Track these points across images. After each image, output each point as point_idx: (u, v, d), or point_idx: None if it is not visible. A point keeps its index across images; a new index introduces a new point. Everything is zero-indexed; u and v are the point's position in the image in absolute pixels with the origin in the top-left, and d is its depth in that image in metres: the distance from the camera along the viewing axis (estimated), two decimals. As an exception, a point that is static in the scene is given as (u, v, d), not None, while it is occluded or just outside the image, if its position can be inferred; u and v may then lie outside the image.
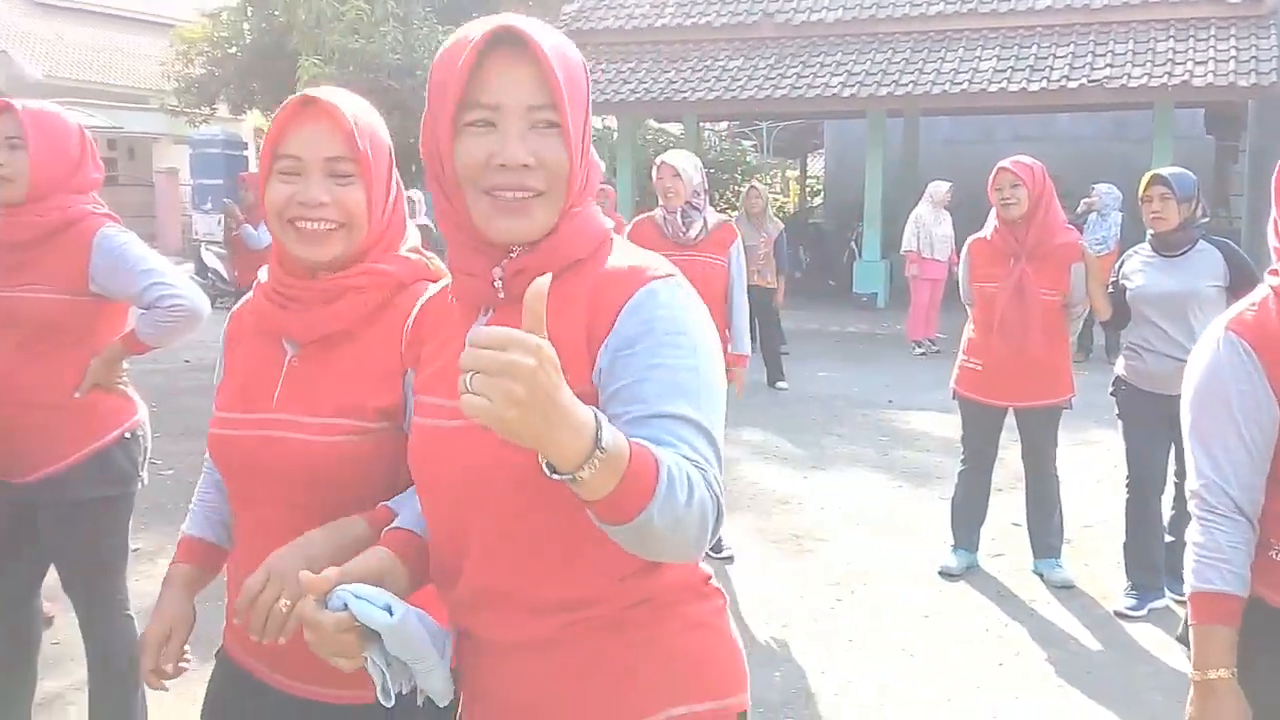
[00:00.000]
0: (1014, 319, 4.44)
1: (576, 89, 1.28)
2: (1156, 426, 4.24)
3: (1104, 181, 10.72)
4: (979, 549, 4.91)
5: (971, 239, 4.77)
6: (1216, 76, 12.25)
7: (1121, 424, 4.46)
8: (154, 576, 3.16)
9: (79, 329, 2.68)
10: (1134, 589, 4.40)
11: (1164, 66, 12.65)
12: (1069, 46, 13.51)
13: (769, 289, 9.00)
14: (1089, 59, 13.18)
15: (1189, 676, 1.99)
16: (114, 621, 2.84)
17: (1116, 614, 4.35)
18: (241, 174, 9.99)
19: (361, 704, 1.53)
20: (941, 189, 10.94)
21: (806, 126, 21.00)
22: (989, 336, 4.54)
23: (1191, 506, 1.91)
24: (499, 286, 1.29)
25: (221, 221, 10.97)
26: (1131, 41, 13.28)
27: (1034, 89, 12.96)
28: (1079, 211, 10.69)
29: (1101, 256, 8.71)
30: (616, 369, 1.22)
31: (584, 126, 1.30)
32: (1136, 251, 4.44)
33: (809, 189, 24.67)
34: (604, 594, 1.30)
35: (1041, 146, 15.42)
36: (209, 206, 17.84)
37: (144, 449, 2.86)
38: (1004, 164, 4.46)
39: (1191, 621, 1.84)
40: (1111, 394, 4.49)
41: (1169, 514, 4.43)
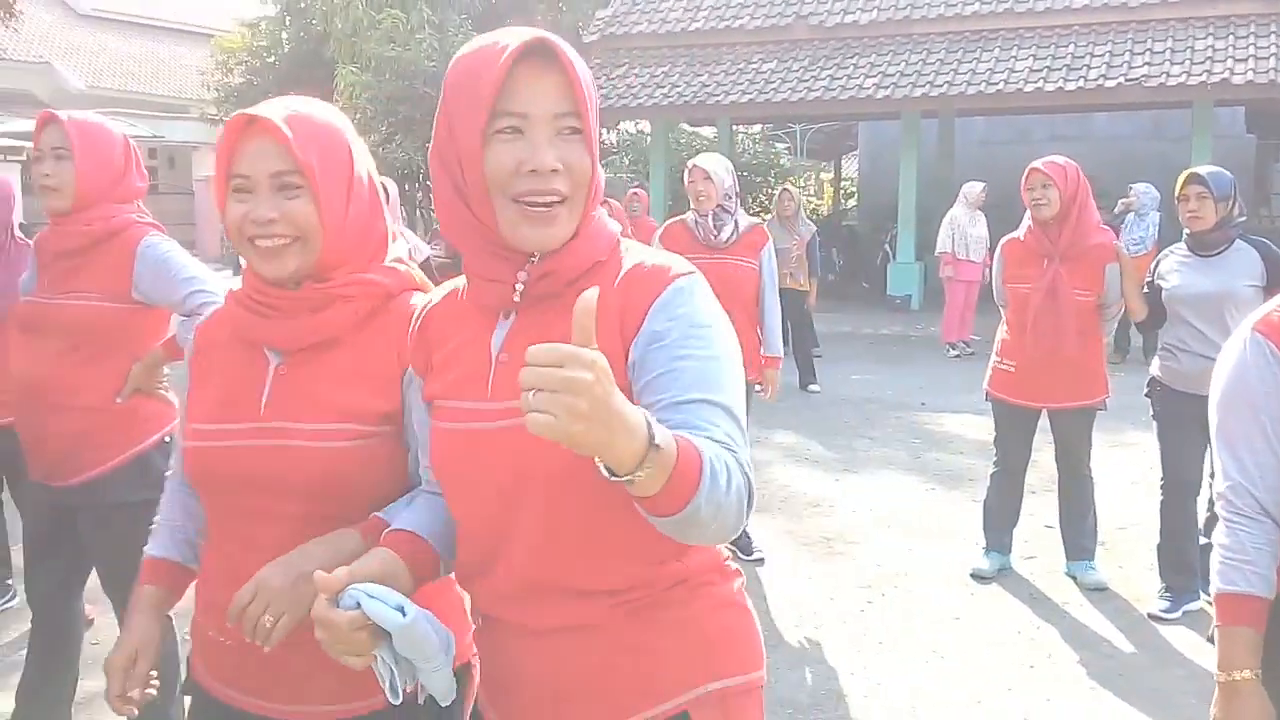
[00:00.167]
0: (1047, 320, 4.42)
1: (593, 97, 1.34)
2: (1191, 428, 4.20)
3: (1142, 181, 10.62)
4: (1011, 551, 4.89)
5: (1005, 239, 4.76)
6: (1257, 74, 12.08)
7: (1156, 425, 4.43)
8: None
9: (121, 335, 2.73)
10: (1168, 591, 4.37)
11: (1203, 64, 12.49)
12: (1106, 45, 13.38)
13: (801, 291, 9.00)
14: (1127, 57, 13.05)
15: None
16: None
17: (1150, 616, 4.32)
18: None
19: None
20: (975, 189, 10.88)
21: (841, 129, 20.93)
22: (1022, 337, 4.52)
23: (1218, 508, 1.91)
24: (520, 291, 1.33)
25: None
26: (1170, 39, 13.13)
27: (1071, 88, 12.84)
28: (1116, 212, 10.59)
29: (1139, 257, 8.68)
30: (648, 361, 1.29)
31: (597, 133, 1.36)
32: (1172, 251, 4.40)
33: (843, 191, 24.57)
34: (644, 578, 1.36)
35: (1079, 146, 15.32)
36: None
37: None
38: (1036, 164, 4.45)
39: (1216, 623, 1.84)
40: (1146, 395, 4.46)
41: (1204, 516, 4.39)
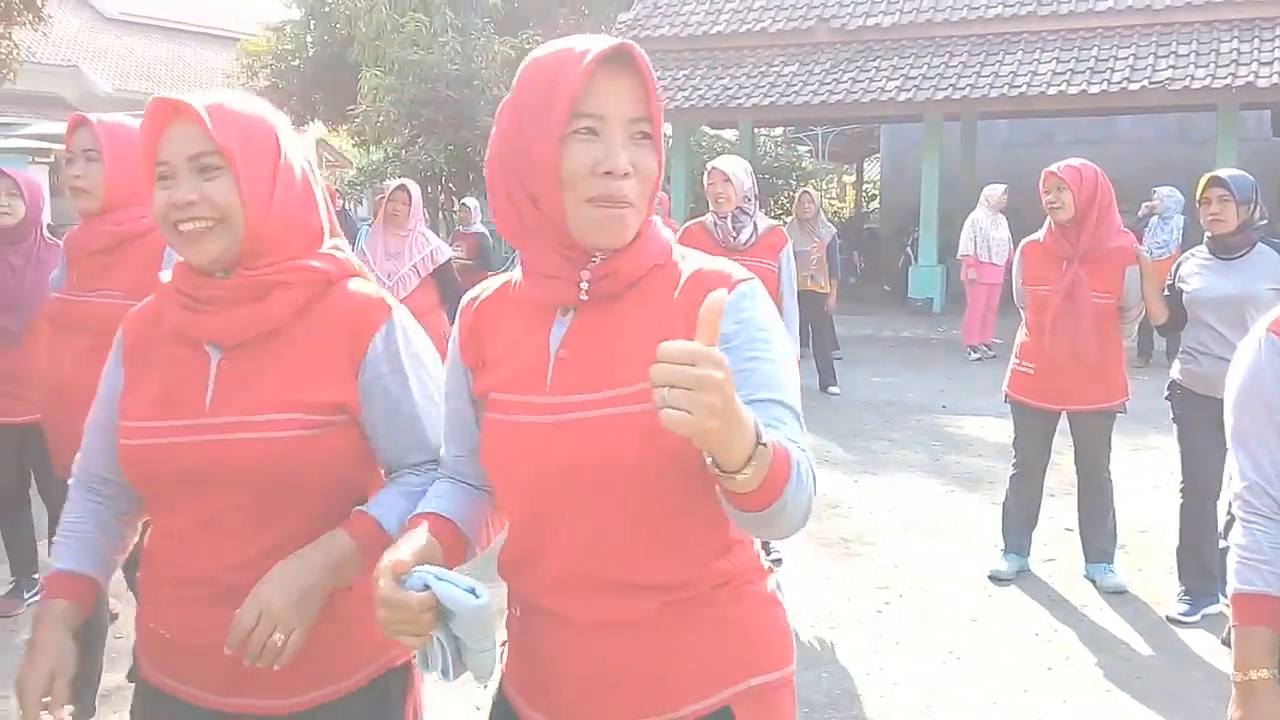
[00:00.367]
0: (1066, 322, 4.42)
1: (661, 104, 1.39)
2: (1212, 431, 4.16)
3: (1167, 184, 10.55)
4: (1030, 553, 4.88)
5: (1025, 241, 4.76)
6: (1282, 77, 12.00)
7: (1176, 428, 4.41)
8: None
9: None
10: (1187, 594, 4.35)
11: (1228, 67, 12.40)
12: (1130, 48, 13.31)
13: (821, 293, 9.00)
14: (1151, 60, 12.97)
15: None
16: None
17: (1169, 619, 4.30)
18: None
19: (289, 713, 1.58)
20: (996, 192, 10.86)
21: (863, 131, 20.88)
22: (1041, 339, 4.52)
23: (1234, 508, 1.91)
24: (585, 289, 1.36)
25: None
26: (1195, 42, 13.04)
27: (1094, 91, 12.77)
28: (1140, 215, 10.53)
29: (1163, 260, 8.63)
30: None
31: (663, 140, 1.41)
32: (1193, 254, 4.39)
33: (865, 194, 24.52)
34: (693, 575, 1.39)
35: (1103, 149, 15.26)
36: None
37: None
38: (1051, 168, 4.45)
39: (1234, 623, 1.84)
40: (1167, 398, 4.44)
41: (1224, 519, 4.37)
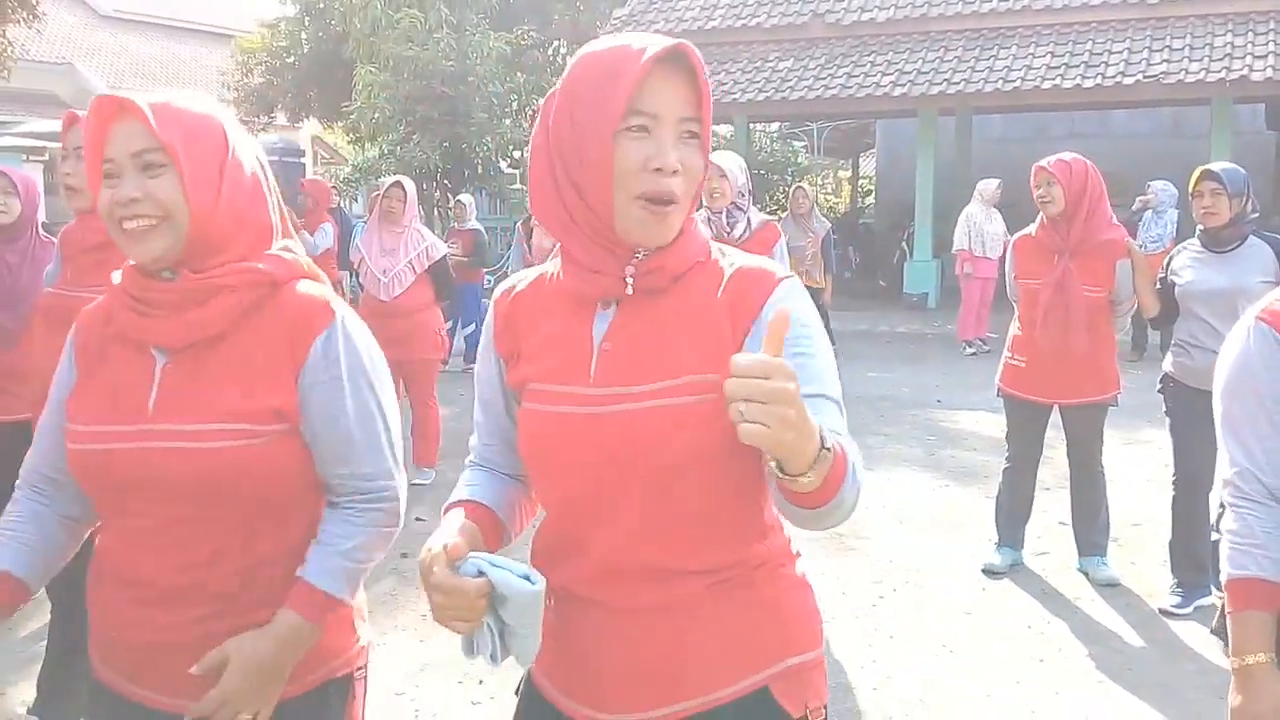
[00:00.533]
0: (1057, 315, 4.44)
1: (710, 106, 1.41)
2: (1204, 424, 4.16)
3: (1162, 178, 10.59)
4: (1024, 546, 4.91)
5: (1017, 235, 4.78)
6: (1276, 71, 12.02)
7: (1169, 421, 4.43)
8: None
9: None
10: (1180, 586, 4.37)
11: (1222, 61, 12.45)
12: (1124, 42, 13.35)
13: (816, 289, 8.99)
14: (1145, 54, 13.01)
15: (1229, 670, 2.01)
16: None
17: (1161, 611, 4.33)
18: (300, 180, 10.17)
19: None
20: (990, 186, 10.88)
21: (858, 126, 20.90)
22: (1033, 333, 4.55)
23: (1225, 494, 1.91)
24: (630, 284, 1.39)
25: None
26: (1189, 36, 13.08)
27: (1089, 86, 12.81)
28: (1135, 209, 10.57)
29: (1157, 254, 8.65)
30: None
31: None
32: (1185, 247, 4.40)
33: (861, 189, 24.54)
34: (734, 559, 1.42)
35: (1097, 144, 15.29)
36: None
37: None
38: (1041, 163, 4.48)
39: (1229, 609, 1.83)
40: (1159, 391, 4.46)
41: (1216, 512, 4.39)
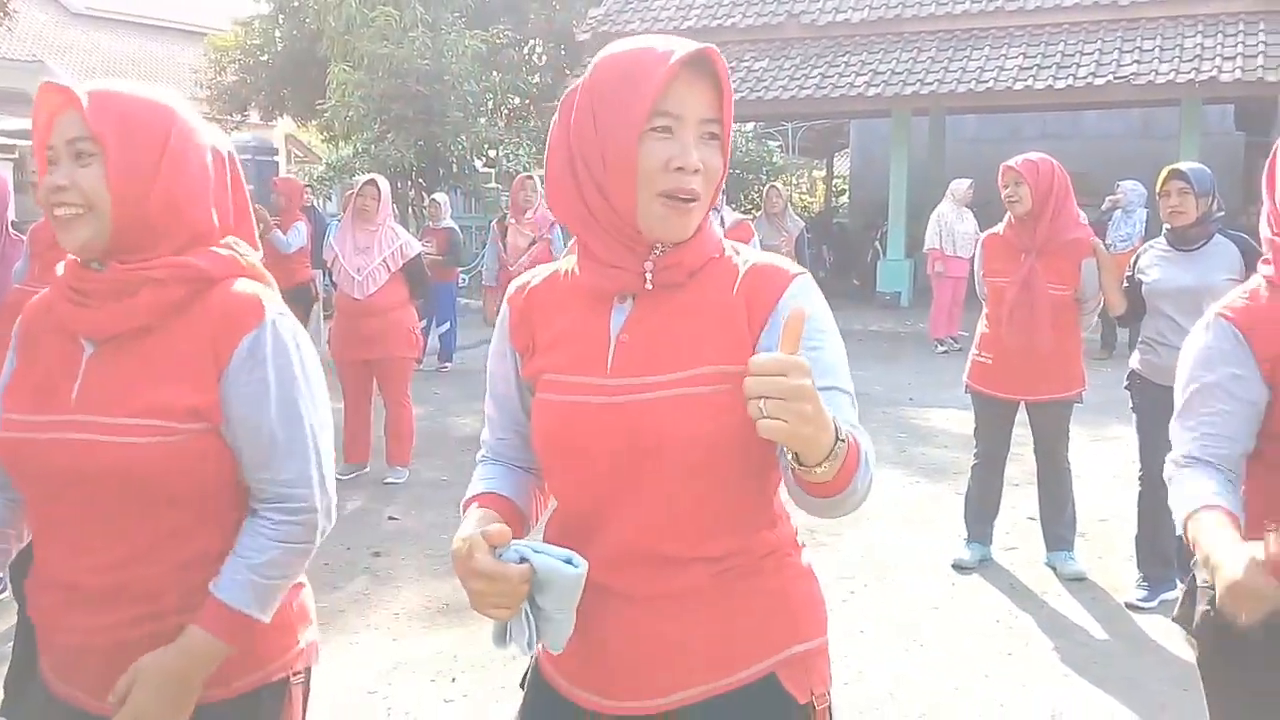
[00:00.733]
0: (1022, 313, 4.50)
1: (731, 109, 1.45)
2: (1170, 420, 4.26)
3: (1133, 179, 10.70)
4: (993, 542, 4.96)
5: (985, 234, 4.85)
6: (1245, 72, 12.16)
7: (1135, 417, 4.48)
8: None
9: None
10: (1145, 581, 4.44)
11: (1191, 62, 12.58)
12: (1095, 43, 13.47)
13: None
14: (1116, 56, 13.13)
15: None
16: None
17: (1127, 605, 4.39)
18: (274, 179, 10.13)
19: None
20: (962, 186, 10.96)
21: (832, 126, 20.99)
22: (999, 330, 4.60)
23: (1166, 473, 1.93)
24: (649, 279, 1.43)
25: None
26: (1159, 37, 13.22)
27: (1060, 87, 12.92)
28: (1104, 209, 10.67)
29: (1126, 253, 8.75)
30: None
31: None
32: (1152, 246, 4.46)
33: (835, 189, 24.64)
34: (743, 546, 1.46)
35: (1069, 144, 15.44)
36: (241, 211, 18.01)
37: None
38: (1008, 162, 4.53)
39: (1192, 538, 1.78)
40: (1126, 388, 4.51)
41: (1181, 508, 4.45)
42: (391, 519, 5.53)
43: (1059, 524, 4.78)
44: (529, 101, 17.76)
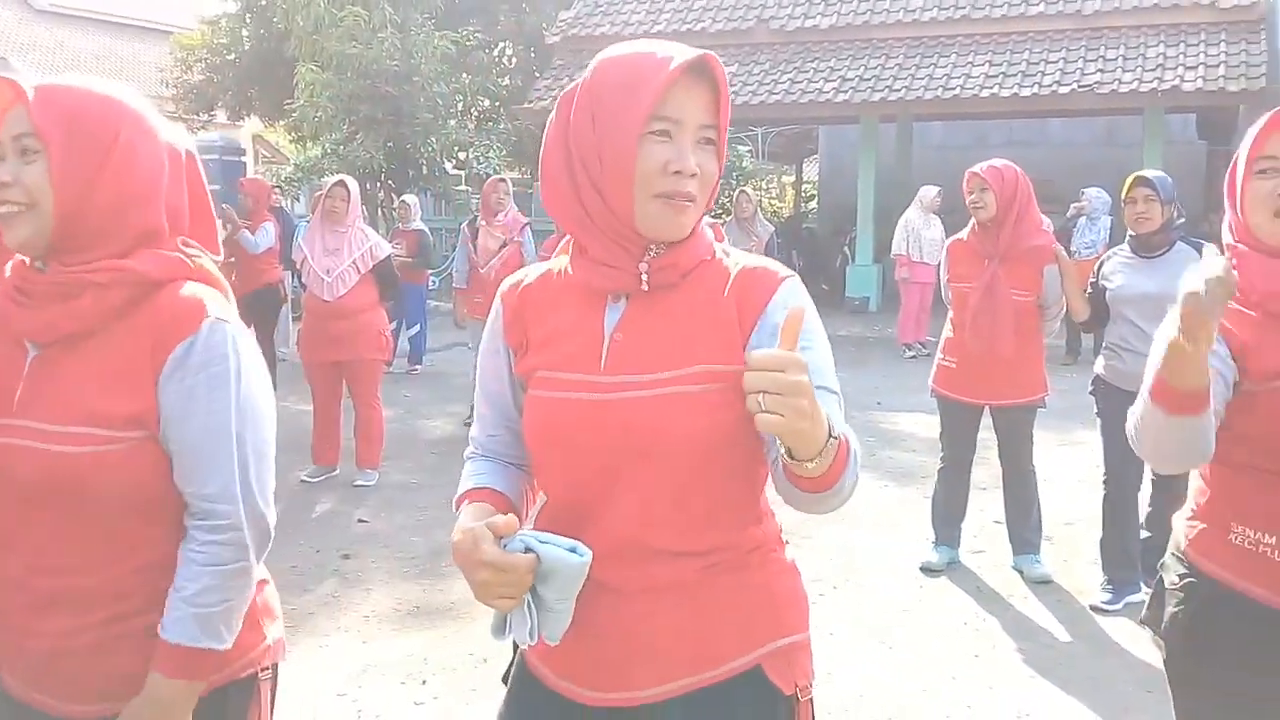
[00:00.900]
0: (985, 318, 4.55)
1: (728, 115, 1.50)
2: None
3: (1097, 186, 10.82)
4: (960, 545, 5.01)
5: (950, 240, 4.90)
6: (1206, 81, 12.36)
7: (1100, 422, 4.54)
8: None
9: None
10: (1110, 583, 4.49)
11: (1154, 72, 12.76)
12: (1060, 52, 13.63)
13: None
14: (1080, 64, 13.30)
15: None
16: None
17: (1092, 608, 4.44)
18: (240, 179, 10.04)
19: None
20: (930, 193, 11.06)
21: (802, 132, 21.07)
22: (963, 335, 4.66)
23: (1129, 426, 1.86)
24: (645, 278, 1.45)
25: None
26: (1122, 47, 13.40)
27: (1026, 94, 13.08)
28: (1069, 216, 10.79)
29: (1090, 259, 8.85)
30: None
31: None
32: (1116, 253, 4.51)
33: (804, 194, 24.76)
34: (730, 541, 1.50)
35: (1035, 152, 15.59)
36: (208, 212, 17.84)
37: None
38: (974, 169, 4.58)
39: (1151, 379, 1.73)
40: (1091, 393, 4.57)
41: (1145, 511, 4.52)
42: (361, 521, 5.49)
43: (1025, 527, 4.83)
44: (499, 104, 17.72)
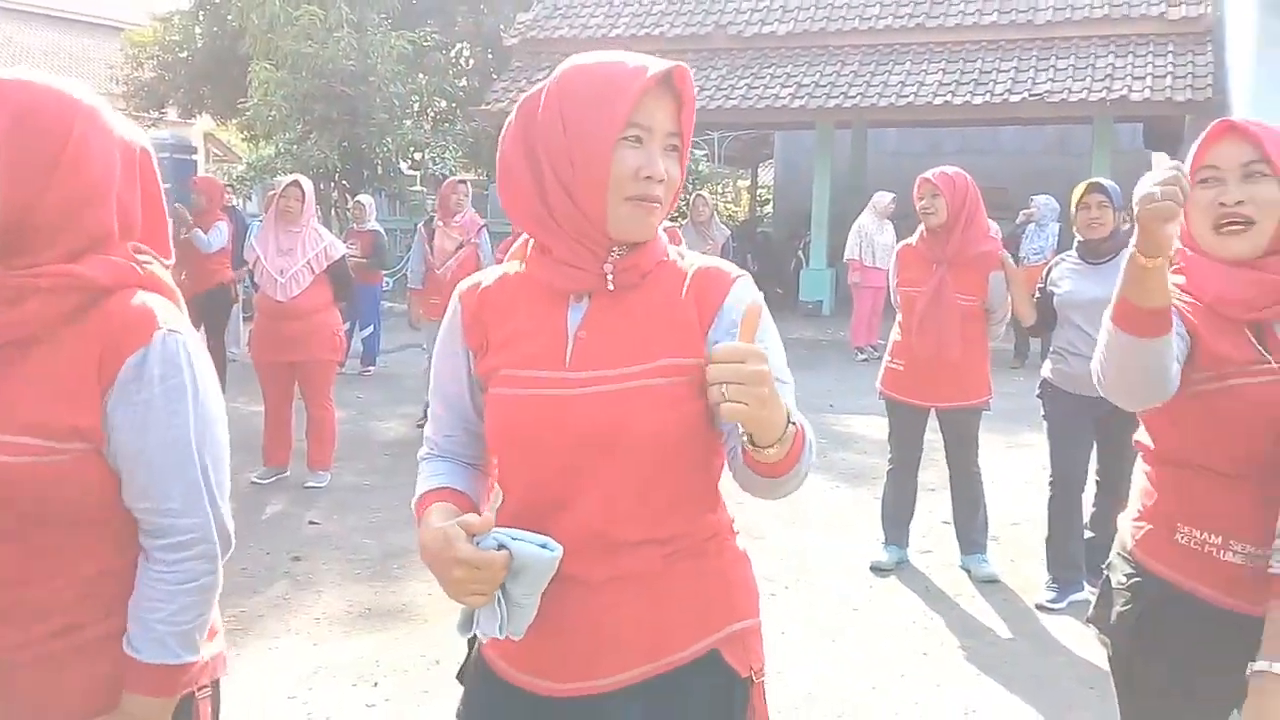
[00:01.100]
0: (932, 323, 4.63)
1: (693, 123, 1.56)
2: (1079, 427, 4.42)
3: (1046, 193, 11.00)
4: (909, 545, 5.08)
5: (900, 245, 4.98)
6: (1154, 92, 12.61)
7: (1046, 424, 4.62)
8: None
9: None
10: (1055, 583, 4.57)
11: (1103, 82, 13.00)
12: (1013, 61, 13.84)
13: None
14: (1031, 74, 13.51)
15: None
16: None
17: (1037, 607, 4.52)
18: (193, 178, 9.93)
19: None
20: (884, 199, 11.18)
21: (757, 137, 21.23)
22: (910, 339, 4.73)
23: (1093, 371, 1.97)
24: (610, 279, 1.51)
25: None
26: (1073, 57, 13.63)
27: (978, 103, 13.26)
28: (1019, 223, 10.96)
29: (1038, 265, 9.00)
30: None
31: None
32: (1064, 259, 4.59)
33: (759, 198, 24.91)
34: (691, 529, 1.57)
35: (987, 159, 15.82)
36: (159, 211, 17.61)
37: None
38: (925, 175, 4.66)
39: (1121, 294, 1.82)
40: (1038, 396, 4.65)
41: (1089, 511, 4.61)
42: (312, 523, 5.45)
43: (972, 528, 4.91)
44: (455, 105, 17.66)
